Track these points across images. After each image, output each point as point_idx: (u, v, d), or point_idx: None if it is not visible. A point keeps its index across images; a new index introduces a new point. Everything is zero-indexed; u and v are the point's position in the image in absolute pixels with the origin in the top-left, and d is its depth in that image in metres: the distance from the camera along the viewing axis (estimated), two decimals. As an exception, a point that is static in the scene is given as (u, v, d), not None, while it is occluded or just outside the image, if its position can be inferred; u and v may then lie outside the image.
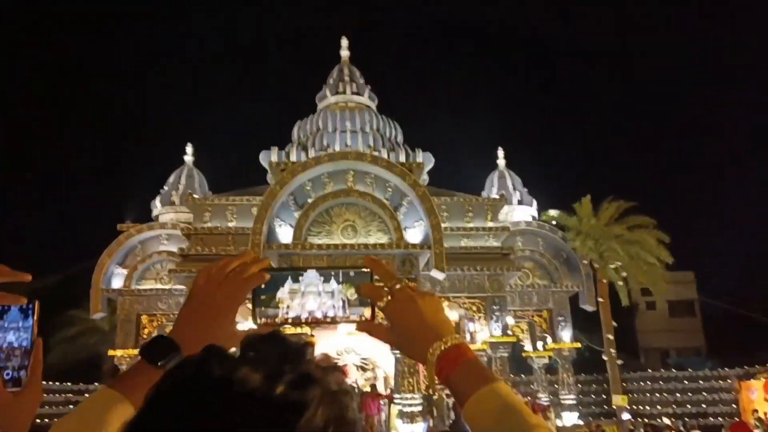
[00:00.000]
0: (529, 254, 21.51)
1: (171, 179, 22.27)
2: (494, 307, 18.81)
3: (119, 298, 20.32)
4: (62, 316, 27.01)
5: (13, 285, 1.07)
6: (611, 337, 22.29)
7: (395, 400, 17.63)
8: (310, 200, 17.91)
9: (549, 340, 21.63)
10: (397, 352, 18.00)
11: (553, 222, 22.50)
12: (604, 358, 22.52)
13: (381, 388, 21.19)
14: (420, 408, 17.04)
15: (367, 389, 18.34)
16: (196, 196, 20.04)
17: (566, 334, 21.26)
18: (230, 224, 18.63)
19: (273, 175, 19.23)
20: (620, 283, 22.74)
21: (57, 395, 24.79)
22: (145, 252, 20.63)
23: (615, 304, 23.12)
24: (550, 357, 22.57)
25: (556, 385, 21.88)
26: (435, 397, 18.77)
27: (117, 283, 20.20)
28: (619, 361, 22.52)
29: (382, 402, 17.72)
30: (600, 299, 22.17)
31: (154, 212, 21.70)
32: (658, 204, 23.16)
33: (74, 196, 60.15)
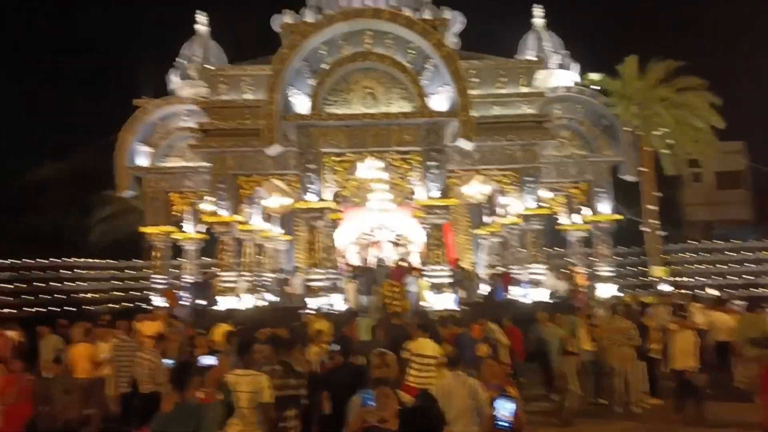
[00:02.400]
0: (567, 122, 20.00)
1: (184, 51, 21.16)
2: (528, 178, 17.86)
3: (145, 176, 20.17)
4: (99, 196, 27.45)
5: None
6: (652, 207, 21.29)
7: (424, 273, 17.45)
8: (325, 66, 16.72)
9: (587, 213, 20.79)
10: (428, 225, 17.57)
11: (595, 86, 20.74)
12: (644, 229, 21.69)
13: (416, 262, 21.15)
14: (449, 279, 16.81)
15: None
16: (210, 67, 19.02)
17: (605, 206, 20.32)
18: (246, 96, 17.69)
19: (285, 39, 17.92)
20: (665, 151, 21.33)
21: (102, 272, 25.78)
22: (166, 129, 20.09)
23: (658, 176, 21.87)
24: (587, 230, 21.89)
25: (592, 258, 21.34)
26: (465, 269, 18.53)
27: (141, 161, 19.94)
28: (661, 233, 21.67)
29: (411, 275, 17.57)
30: (642, 168, 20.92)
31: (171, 86, 20.89)
32: (709, 66, 20.95)
33: (88, 71, 57.45)
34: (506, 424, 2.89)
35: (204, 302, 17.55)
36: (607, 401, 10.32)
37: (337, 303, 16.55)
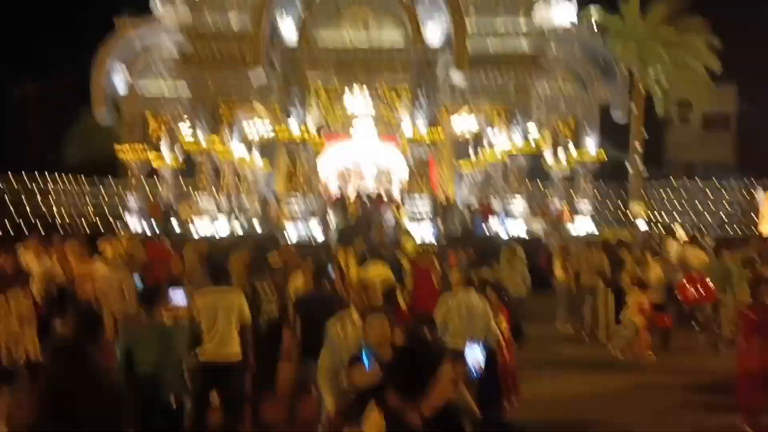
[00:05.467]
0: (563, 59, 19.44)
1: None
2: (517, 115, 17.57)
3: (123, 99, 19.48)
4: (75, 116, 26.63)
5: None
6: (638, 145, 21.20)
7: (405, 204, 17.42)
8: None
9: (572, 150, 20.68)
10: (411, 158, 17.38)
11: (594, 21, 20.08)
12: (628, 166, 21.68)
13: (397, 195, 21.07)
14: (428, 210, 16.79)
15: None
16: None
17: (591, 144, 20.20)
18: (231, 20, 16.87)
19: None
20: (657, 91, 21.02)
21: (76, 186, 25.29)
22: (147, 52, 19.19)
23: (646, 118, 21.68)
24: (571, 168, 21.85)
25: (573, 194, 21.41)
26: (446, 201, 18.50)
27: (119, 82, 19.16)
28: (643, 172, 21.70)
29: (391, 207, 17.54)
30: (633, 108, 20.69)
31: (155, 10, 19.77)
32: (709, 8, 20.34)
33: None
34: (476, 373, 2.86)
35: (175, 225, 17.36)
36: (575, 330, 10.58)
37: (316, 232, 16.54)
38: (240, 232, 18.13)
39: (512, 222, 17.86)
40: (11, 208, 22.84)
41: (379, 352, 3.24)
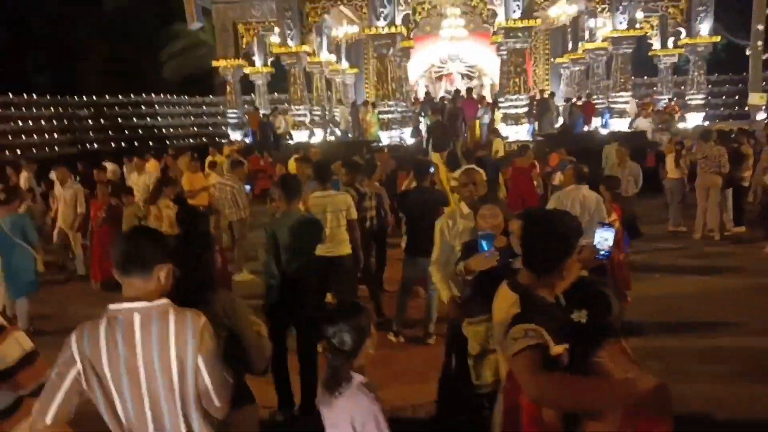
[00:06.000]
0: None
1: None
2: (621, -3, 16.03)
3: (212, 7, 19.60)
4: (168, 31, 27.29)
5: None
6: (761, 27, 18.95)
7: (499, 104, 16.77)
8: None
9: (683, 35, 18.80)
10: (504, 53, 16.53)
11: None
12: (748, 52, 19.55)
13: (488, 95, 20.35)
14: (525, 109, 16.10)
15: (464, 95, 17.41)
16: None
17: (705, 27, 18.22)
18: None
19: None
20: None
21: (176, 107, 26.46)
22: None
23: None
24: (680, 56, 19.99)
25: (683, 87, 19.71)
26: (542, 98, 17.62)
27: (208, -7, 19.25)
28: (766, 56, 19.53)
29: (481, 106, 16.96)
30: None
31: None
32: None
33: None
34: (605, 253, 2.73)
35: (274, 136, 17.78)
36: (686, 228, 10.02)
37: (408, 136, 16.40)
38: (334, 139, 18.38)
39: (616, 119, 16.83)
40: (122, 124, 24.31)
41: (496, 238, 3.19)
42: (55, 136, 21.75)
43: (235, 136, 20.00)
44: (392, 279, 6.85)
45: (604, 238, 2.71)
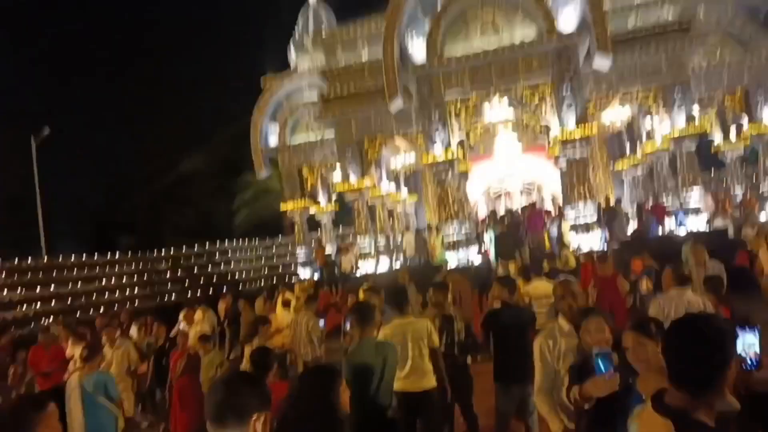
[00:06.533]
0: (715, 24, 17.56)
1: (299, 22, 21.36)
2: (675, 94, 16.00)
3: (278, 155, 20.89)
4: (239, 181, 29.20)
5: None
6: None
7: (565, 215, 16.44)
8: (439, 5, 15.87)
9: (745, 124, 18.35)
10: (563, 164, 16.49)
11: None
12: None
13: (550, 207, 20.11)
14: (594, 218, 15.67)
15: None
16: (322, 35, 19.04)
17: (767, 114, 17.78)
18: (363, 55, 17.46)
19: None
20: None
21: (248, 252, 27.47)
22: (291, 105, 20.57)
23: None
24: (745, 146, 19.39)
25: (754, 178, 18.88)
26: (609, 205, 17.19)
27: (273, 140, 20.65)
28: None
29: (547, 219, 16.67)
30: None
31: (291, 59, 21.21)
32: None
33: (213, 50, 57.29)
34: (754, 362, 2.30)
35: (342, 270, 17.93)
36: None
37: (474, 256, 16.16)
38: (401, 265, 18.30)
39: (692, 218, 16.10)
40: (198, 273, 25.31)
41: (611, 356, 2.82)
42: (136, 291, 22.76)
43: (305, 273, 20.33)
44: (480, 409, 6.23)
45: (748, 344, 2.31)
